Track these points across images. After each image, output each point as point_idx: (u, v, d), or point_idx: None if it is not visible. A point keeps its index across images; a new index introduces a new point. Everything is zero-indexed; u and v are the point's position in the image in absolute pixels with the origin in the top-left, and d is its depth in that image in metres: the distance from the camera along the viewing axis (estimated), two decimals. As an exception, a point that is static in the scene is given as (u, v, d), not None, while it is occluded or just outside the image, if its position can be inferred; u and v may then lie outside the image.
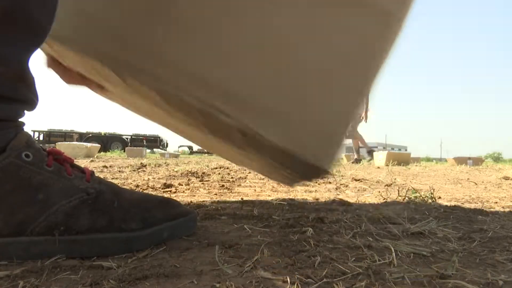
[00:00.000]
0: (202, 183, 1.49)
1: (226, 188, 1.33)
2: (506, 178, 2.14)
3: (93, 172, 0.54)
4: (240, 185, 1.49)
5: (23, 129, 0.50)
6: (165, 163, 3.69)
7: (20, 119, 0.50)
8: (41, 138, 17.78)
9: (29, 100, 0.50)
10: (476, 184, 1.80)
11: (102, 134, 18.54)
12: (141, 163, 3.19)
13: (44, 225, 0.44)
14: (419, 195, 1.08)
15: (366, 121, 5.87)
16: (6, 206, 0.44)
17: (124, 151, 10.78)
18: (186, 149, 25.78)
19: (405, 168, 3.81)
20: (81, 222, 0.46)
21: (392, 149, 60.82)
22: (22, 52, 0.46)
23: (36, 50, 0.48)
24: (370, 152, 6.07)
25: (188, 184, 1.43)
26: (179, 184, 1.42)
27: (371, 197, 1.16)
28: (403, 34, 0.57)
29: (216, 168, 2.68)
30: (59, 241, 0.44)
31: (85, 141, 15.43)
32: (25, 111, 0.51)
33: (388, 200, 1.09)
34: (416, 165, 5.17)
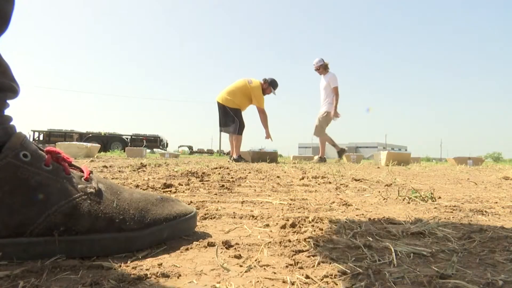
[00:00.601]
0: (202, 183, 1.49)
1: (226, 188, 1.33)
2: (506, 178, 2.14)
3: (91, 171, 0.54)
4: (240, 185, 1.49)
5: (14, 127, 0.49)
6: (165, 163, 3.69)
7: (5, 113, 0.49)
8: (41, 138, 17.76)
9: (7, 86, 0.48)
10: (476, 184, 1.79)
11: (102, 134, 18.53)
12: (141, 163, 3.19)
13: (44, 226, 0.44)
14: (419, 195, 1.08)
15: (338, 117, 5.74)
16: (5, 207, 0.43)
17: (124, 151, 10.77)
18: (186, 149, 25.78)
19: (405, 168, 3.81)
20: (81, 222, 0.46)
21: (392, 149, 60.80)
22: None
23: (0, 35, 0.47)
24: (341, 151, 5.98)
25: (188, 184, 1.43)
26: (179, 184, 1.42)
27: (371, 197, 1.16)
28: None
29: (216, 168, 2.68)
30: (59, 241, 0.44)
31: (85, 141, 15.42)
32: (8, 101, 0.49)
33: (388, 200, 1.09)
34: (417, 164, 5.17)
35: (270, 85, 5.27)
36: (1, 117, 0.48)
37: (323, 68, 5.81)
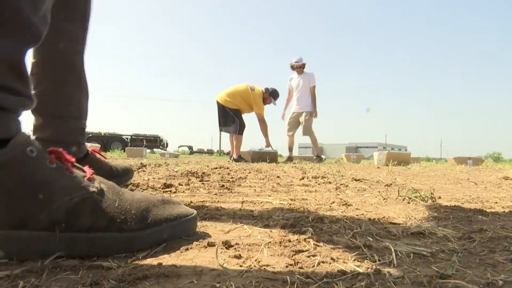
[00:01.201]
0: (202, 183, 1.49)
1: (226, 188, 1.33)
2: (506, 178, 2.14)
3: (94, 172, 0.54)
4: (240, 185, 1.49)
5: (20, 129, 0.50)
6: (165, 163, 3.69)
7: (18, 117, 0.50)
8: (41, 138, 17.70)
9: (26, 95, 0.50)
10: (476, 184, 1.79)
11: (102, 134, 18.51)
12: (141, 163, 3.19)
13: (46, 221, 0.44)
14: (419, 195, 1.08)
15: (316, 116, 5.73)
16: (9, 200, 0.44)
17: (124, 151, 10.77)
18: (186, 149, 25.80)
19: (405, 168, 3.81)
20: (82, 220, 0.46)
21: (392, 149, 60.79)
22: (13, 46, 0.46)
23: (30, 48, 0.49)
24: (289, 159, 5.91)
25: (188, 184, 1.43)
26: (179, 184, 1.42)
27: (371, 197, 1.16)
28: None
29: (216, 168, 2.68)
30: (60, 238, 0.45)
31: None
32: (23, 109, 0.51)
33: (388, 200, 1.09)
34: (417, 164, 5.17)
35: (270, 95, 5.32)
36: (15, 114, 0.49)
37: (302, 67, 5.80)
